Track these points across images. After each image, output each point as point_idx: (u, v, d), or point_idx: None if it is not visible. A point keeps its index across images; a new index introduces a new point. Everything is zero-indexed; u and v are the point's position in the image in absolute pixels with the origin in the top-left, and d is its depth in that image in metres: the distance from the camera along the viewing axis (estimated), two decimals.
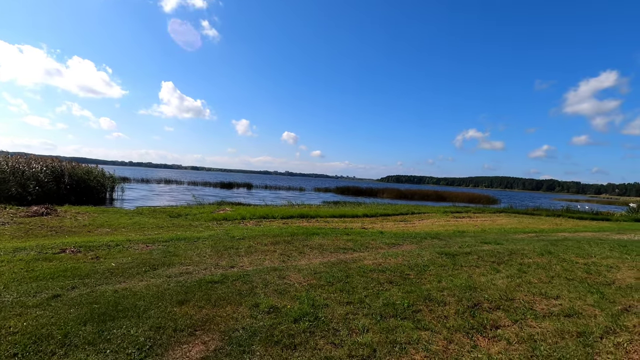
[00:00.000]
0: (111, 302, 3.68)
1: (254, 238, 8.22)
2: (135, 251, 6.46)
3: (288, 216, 15.92)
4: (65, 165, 20.05)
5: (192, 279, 4.68)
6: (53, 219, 11.86)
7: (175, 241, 7.69)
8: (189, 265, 5.45)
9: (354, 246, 7.57)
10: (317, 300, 4.03)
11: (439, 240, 9.08)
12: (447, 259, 6.39)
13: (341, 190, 48.52)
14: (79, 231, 9.90)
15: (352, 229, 12.41)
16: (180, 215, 14.91)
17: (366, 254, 6.85)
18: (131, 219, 12.65)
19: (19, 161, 17.99)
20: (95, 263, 5.36)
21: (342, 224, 14.59)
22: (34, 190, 15.93)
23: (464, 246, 7.96)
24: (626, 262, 6.47)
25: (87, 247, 6.66)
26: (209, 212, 16.23)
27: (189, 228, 11.05)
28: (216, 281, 4.57)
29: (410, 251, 7.17)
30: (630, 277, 5.43)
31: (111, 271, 4.91)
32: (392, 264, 5.90)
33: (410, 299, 4.13)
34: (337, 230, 10.89)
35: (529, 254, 7.15)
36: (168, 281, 4.54)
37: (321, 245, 7.50)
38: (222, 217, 14.33)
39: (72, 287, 4.19)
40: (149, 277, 4.73)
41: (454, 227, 15.34)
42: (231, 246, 7.12)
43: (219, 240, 7.75)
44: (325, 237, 8.70)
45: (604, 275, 5.55)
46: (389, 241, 8.45)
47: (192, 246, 7.06)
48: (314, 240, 8.07)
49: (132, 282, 4.47)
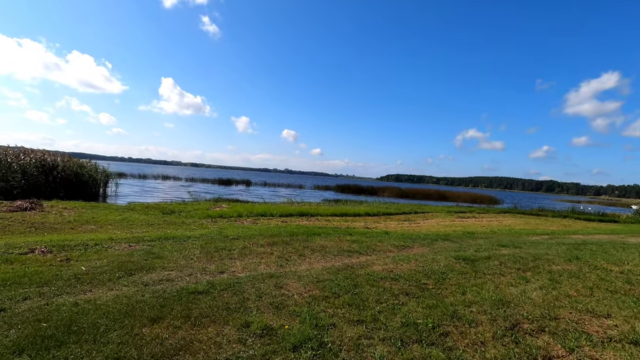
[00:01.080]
0: (65, 320, 2.94)
1: (249, 238, 7.49)
2: (115, 252, 5.72)
3: (287, 214, 15.18)
4: (56, 158, 19.26)
5: (173, 288, 3.94)
6: (36, 215, 11.11)
7: (162, 240, 6.96)
8: (172, 270, 4.71)
9: (359, 248, 6.84)
10: (322, 317, 3.29)
11: (451, 243, 8.35)
12: (466, 265, 5.67)
13: (341, 189, 47.70)
14: (61, 228, 9.15)
15: (355, 229, 11.68)
16: (174, 212, 14.17)
17: (374, 257, 6.13)
18: (120, 215, 11.91)
19: (6, 153, 17.20)
20: (63, 267, 4.62)
21: (344, 223, 13.86)
22: (18, 184, 15.14)
23: (481, 250, 7.24)
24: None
25: (61, 246, 5.92)
26: (205, 209, 15.48)
27: (181, 226, 10.31)
28: (200, 291, 3.83)
29: (423, 255, 6.44)
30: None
31: (78, 277, 4.17)
32: (405, 271, 5.17)
33: (434, 317, 3.40)
34: (340, 230, 10.15)
35: (554, 259, 6.42)
36: (143, 291, 3.80)
37: (323, 247, 6.77)
38: (217, 215, 13.59)
39: (25, 297, 3.45)
40: (121, 284, 4.00)
41: (461, 227, 14.62)
42: (223, 247, 6.39)
43: (211, 240, 7.02)
44: (328, 237, 7.97)
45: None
46: (397, 243, 7.72)
47: (180, 247, 6.33)
48: (315, 242, 7.34)
49: (99, 292, 3.73)
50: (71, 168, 19.11)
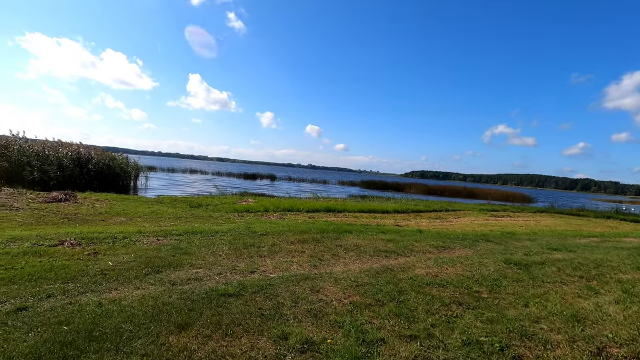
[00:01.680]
0: (87, 324, 2.68)
1: (278, 234, 7.17)
2: (143, 246, 5.54)
3: (314, 210, 14.84)
4: (90, 151, 19.84)
5: (201, 288, 3.64)
6: (70, 206, 11.33)
7: (189, 235, 6.76)
8: (201, 268, 4.44)
9: (396, 248, 6.36)
10: (368, 330, 2.88)
11: (495, 244, 7.71)
12: (520, 271, 5.08)
13: (367, 184, 46.90)
14: (93, 219, 9.22)
15: (385, 226, 11.17)
16: (201, 206, 14.16)
17: (414, 259, 5.64)
18: (149, 208, 11.97)
19: (45, 145, 17.83)
20: (90, 261, 4.45)
21: (372, 220, 13.36)
22: (55, 176, 15.62)
23: (531, 253, 6.58)
24: None
25: (90, 239, 5.81)
26: (231, 202, 15.41)
27: (208, 220, 10.18)
28: (231, 293, 3.51)
29: (467, 257, 5.88)
30: None
31: (105, 273, 3.96)
32: (452, 276, 4.66)
33: (499, 335, 2.91)
34: (371, 228, 9.68)
35: (620, 266, 5.70)
36: (170, 291, 3.52)
37: (357, 246, 6.34)
38: (244, 209, 13.44)
39: (48, 295, 3.24)
40: (148, 283, 3.74)
41: (497, 227, 13.77)
42: (252, 244, 6.09)
43: (239, 236, 6.75)
44: (360, 235, 7.53)
45: None
46: (435, 243, 7.17)
47: (208, 242, 6.08)
48: (347, 240, 6.92)
49: (125, 291, 3.48)
50: (103, 161, 19.62)
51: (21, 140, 16.67)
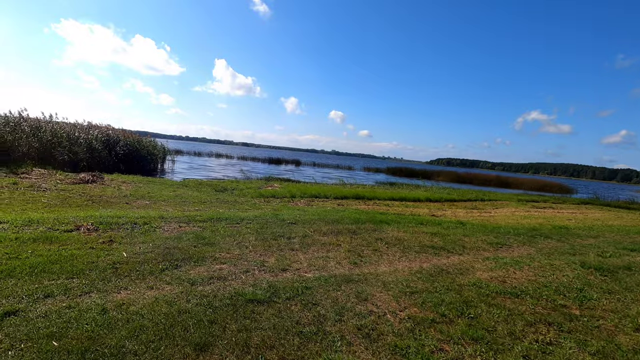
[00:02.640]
0: (83, 339, 2.11)
1: (309, 223, 6.52)
2: (163, 234, 5.03)
3: (342, 196, 14.13)
4: (118, 134, 19.92)
5: (225, 291, 3.03)
6: (96, 188, 11.17)
7: (214, 222, 6.23)
8: (224, 264, 3.84)
9: (444, 244, 5.56)
10: None
11: (557, 242, 6.73)
12: (606, 279, 4.17)
13: (392, 171, 45.54)
14: (117, 202, 8.92)
15: (421, 217, 10.32)
16: (226, 190, 13.77)
17: (469, 258, 4.83)
18: (174, 192, 11.65)
19: (75, 127, 17.98)
20: (103, 251, 3.95)
21: (405, 208, 12.50)
22: (84, 157, 15.68)
23: (606, 255, 5.59)
24: None
25: (109, 224, 5.37)
26: (256, 187, 14.96)
27: (234, 205, 9.69)
28: (260, 300, 2.87)
29: (532, 258, 5.00)
30: None
31: (116, 267, 3.43)
32: (524, 283, 3.84)
33: None
34: (407, 218, 8.87)
35: None
36: (188, 293, 2.93)
37: (399, 240, 5.58)
38: (270, 194, 12.93)
39: (46, 294, 2.72)
40: (163, 281, 3.17)
41: (543, 220, 12.55)
42: (281, 234, 5.46)
43: (266, 224, 6.15)
44: (400, 227, 6.76)
45: None
46: (487, 238, 6.30)
47: (233, 230, 5.51)
48: (387, 232, 6.17)
49: (136, 291, 2.92)
50: (132, 143, 19.64)
51: (52, 122, 16.82)
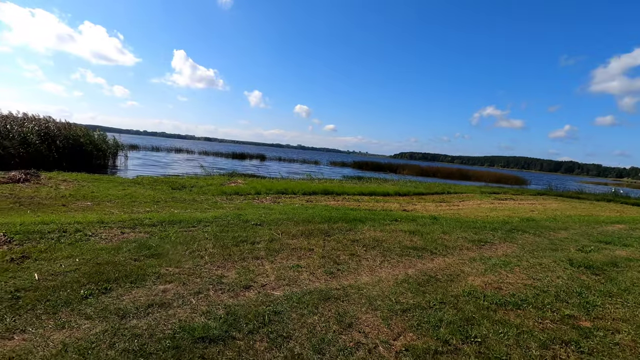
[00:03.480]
0: None
1: (276, 224, 5.83)
2: (97, 244, 4.13)
3: (310, 192, 13.51)
4: (60, 127, 17.87)
5: (167, 325, 2.29)
6: (28, 187, 9.70)
7: (165, 225, 5.37)
8: (171, 282, 3.07)
9: (425, 244, 5.10)
10: None
11: (534, 236, 6.53)
12: (599, 278, 3.88)
13: (359, 165, 45.61)
14: (51, 204, 7.68)
15: (393, 212, 9.95)
16: (185, 187, 12.66)
17: (455, 259, 4.38)
18: (124, 190, 10.44)
19: (7, 119, 15.86)
20: (8, 272, 3.03)
21: (376, 203, 12.13)
22: (17, 153, 13.81)
23: (586, 249, 5.41)
24: None
25: (29, 233, 4.36)
26: (218, 184, 13.95)
27: (191, 204, 8.75)
28: (215, 337, 2.17)
29: (519, 257, 4.66)
30: None
31: (17, 296, 2.55)
32: (520, 288, 3.42)
33: None
34: (380, 214, 8.43)
35: None
36: (115, 332, 2.16)
37: (377, 241, 5.05)
38: (233, 191, 12.02)
39: None
40: (82, 315, 2.36)
41: (508, 211, 12.71)
42: (245, 238, 4.73)
43: (228, 227, 5.38)
44: (375, 226, 6.25)
45: None
46: (467, 235, 5.95)
47: (188, 236, 4.70)
48: (362, 232, 5.63)
49: (38, 333, 2.10)
50: (74, 137, 17.72)
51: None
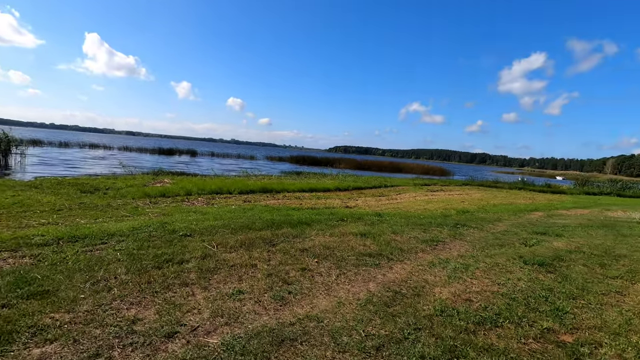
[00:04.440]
0: None
1: (210, 233, 4.97)
2: None
3: (248, 191, 12.56)
4: None
5: None
6: None
7: (64, 244, 4.21)
8: (55, 341, 2.15)
9: (379, 249, 4.69)
10: None
11: (478, 230, 6.58)
12: (555, 276, 3.81)
13: (296, 160, 45.07)
14: None
15: (336, 209, 9.58)
16: (98, 190, 10.84)
17: (414, 266, 4.02)
18: (16, 196, 8.50)
19: None
20: None
21: (318, 200, 11.67)
22: None
23: (529, 242, 5.51)
24: None
25: None
26: (141, 185, 12.26)
27: (104, 211, 7.35)
28: None
29: (475, 258, 4.49)
30: None
31: None
32: (489, 297, 3.15)
33: None
34: (325, 214, 7.96)
35: (629, 254, 4.89)
36: None
37: (329, 249, 4.51)
38: (158, 193, 10.60)
39: None
40: None
41: (443, 203, 13.23)
42: (170, 256, 3.83)
43: (149, 242, 4.39)
44: (323, 229, 5.71)
45: None
46: (417, 234, 5.72)
47: (93, 259, 3.65)
48: (310, 237, 5.04)
49: None
50: None
51: None
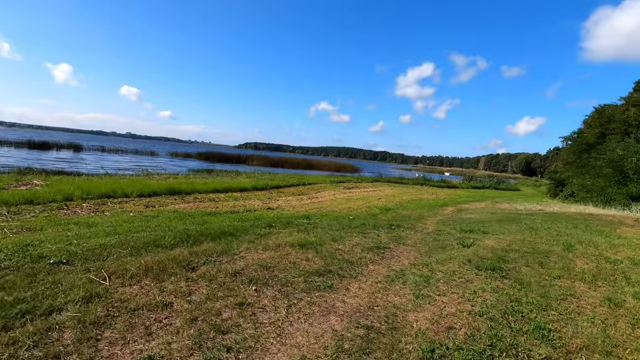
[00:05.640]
0: None
1: (98, 257, 3.62)
2: None
3: (150, 193, 10.63)
4: None
5: None
6: None
7: None
8: None
9: (325, 263, 3.97)
10: None
11: (412, 231, 6.39)
12: (512, 283, 3.63)
13: (205, 157, 41.80)
14: None
15: (258, 212, 8.63)
16: None
17: (371, 285, 3.42)
18: None
19: None
20: None
21: (236, 202, 10.48)
22: None
23: (467, 243, 5.46)
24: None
25: None
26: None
27: None
28: None
29: (429, 266, 4.11)
30: None
31: None
32: (470, 323, 2.71)
33: None
34: (248, 219, 6.98)
35: (550, 249, 5.16)
36: None
37: (268, 269, 3.61)
38: (23, 199, 8.11)
39: None
40: None
41: (362, 201, 13.31)
42: (30, 306, 2.49)
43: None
44: (254, 240, 4.74)
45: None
46: (359, 242, 5.19)
47: None
48: (241, 254, 4.06)
49: None
50: None
51: None
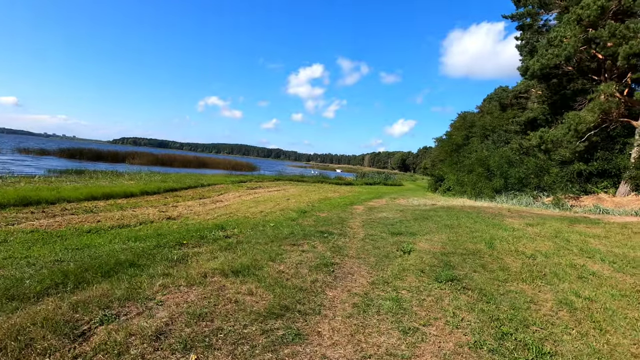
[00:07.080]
0: None
1: None
2: None
3: None
4: None
5: None
6: None
7: None
8: None
9: (277, 299, 3.12)
10: None
11: (348, 239, 5.95)
12: (473, 293, 3.45)
13: (70, 154, 34.31)
14: None
15: (157, 224, 7.08)
16: None
17: (341, 321, 2.76)
18: None
19: None
20: None
21: (123, 212, 8.45)
22: None
23: (405, 249, 5.27)
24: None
25: None
26: None
27: None
28: None
29: (394, 286, 3.68)
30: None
31: None
32: None
33: None
34: (149, 237, 5.54)
35: (481, 249, 5.39)
36: None
37: (204, 320, 2.59)
38: None
39: None
40: None
41: (272, 202, 12.54)
42: None
43: None
44: (165, 270, 3.56)
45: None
46: (300, 258, 4.46)
47: None
48: (157, 300, 2.90)
49: None
50: None
51: None
